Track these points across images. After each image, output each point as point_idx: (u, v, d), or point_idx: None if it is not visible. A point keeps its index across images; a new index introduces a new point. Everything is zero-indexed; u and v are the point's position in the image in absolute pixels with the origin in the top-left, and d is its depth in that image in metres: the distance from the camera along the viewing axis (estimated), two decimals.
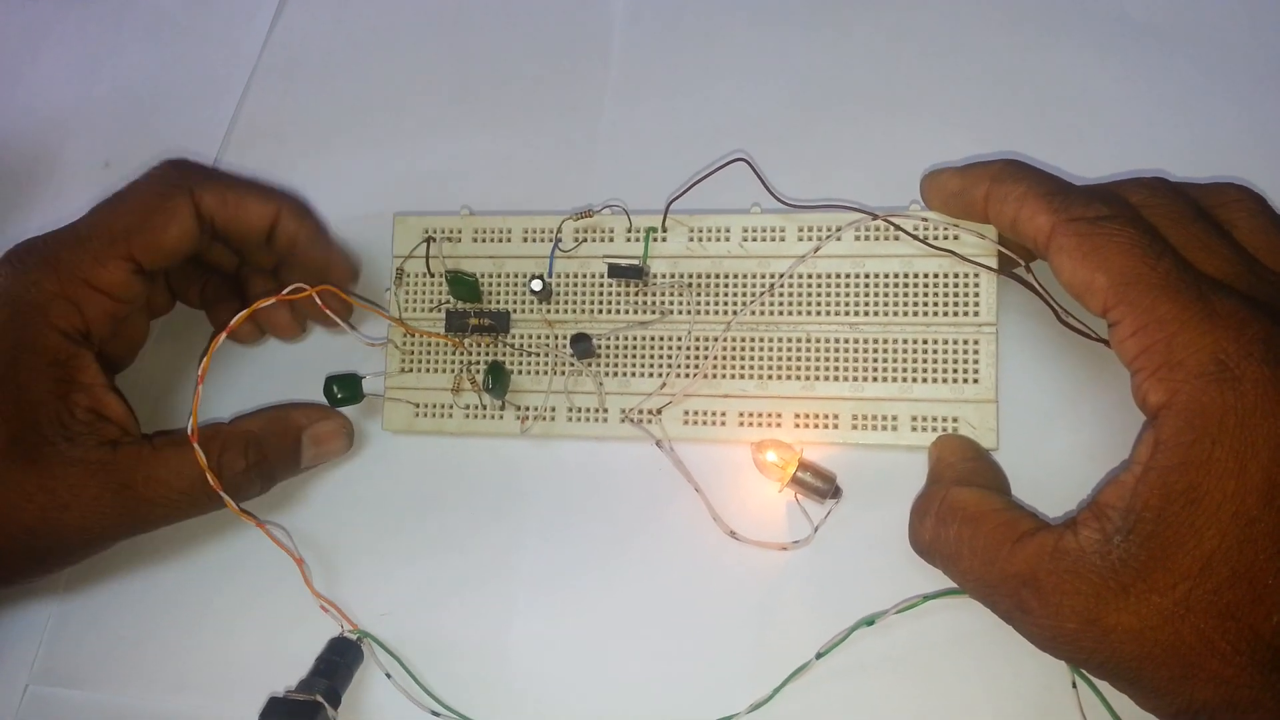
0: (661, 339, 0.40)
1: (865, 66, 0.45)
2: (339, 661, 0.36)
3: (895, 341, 0.38)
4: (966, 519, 0.32)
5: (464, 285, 0.41)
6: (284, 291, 0.38)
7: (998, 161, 0.34)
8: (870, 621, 0.35)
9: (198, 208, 0.39)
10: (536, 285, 0.40)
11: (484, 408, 0.41)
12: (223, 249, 0.43)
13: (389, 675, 0.38)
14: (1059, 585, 0.29)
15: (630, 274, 0.39)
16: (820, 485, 0.37)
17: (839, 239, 0.39)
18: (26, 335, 0.36)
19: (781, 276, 0.39)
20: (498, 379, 0.39)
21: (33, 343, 0.36)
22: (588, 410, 0.40)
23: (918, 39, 0.45)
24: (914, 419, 0.37)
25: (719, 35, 0.48)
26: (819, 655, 0.35)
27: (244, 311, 0.37)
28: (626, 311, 0.40)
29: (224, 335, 0.37)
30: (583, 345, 0.39)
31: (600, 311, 0.41)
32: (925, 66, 0.45)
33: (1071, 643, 0.29)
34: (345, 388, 0.41)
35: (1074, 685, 0.32)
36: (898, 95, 0.45)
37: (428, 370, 0.42)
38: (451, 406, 0.41)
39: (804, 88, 0.46)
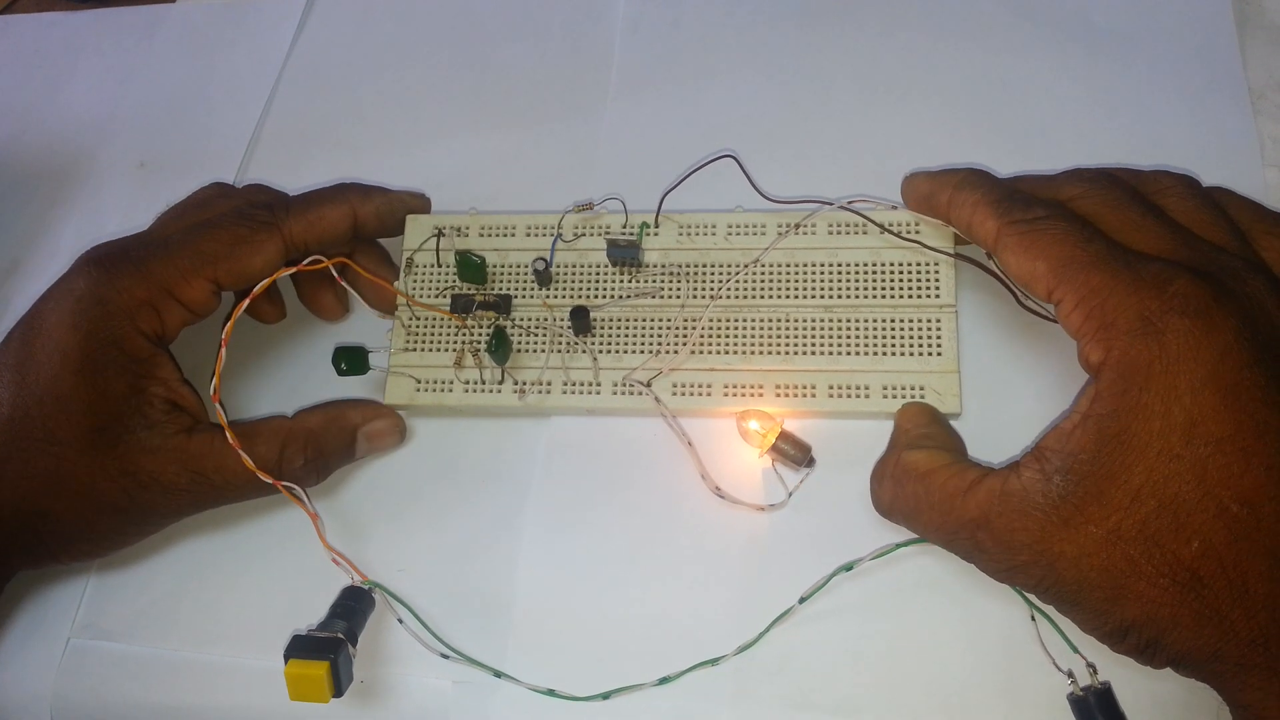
0: (653, 320, 0.43)
1: (847, 73, 0.49)
2: (353, 606, 0.38)
3: (866, 321, 0.41)
4: (919, 477, 0.35)
5: (471, 266, 0.43)
6: (304, 263, 0.41)
7: (961, 170, 0.38)
8: (849, 567, 0.37)
9: (287, 240, 0.42)
10: (539, 266, 0.42)
11: (483, 382, 0.43)
12: None
13: (401, 620, 0.39)
14: (1009, 524, 0.31)
15: (627, 251, 0.42)
16: (796, 454, 0.40)
17: (813, 231, 0.42)
18: (114, 335, 0.39)
19: (758, 260, 0.42)
20: (500, 344, 0.41)
21: (119, 342, 0.39)
22: (583, 384, 0.42)
23: (896, 46, 0.49)
24: (884, 388, 0.40)
25: (712, 45, 0.51)
26: (802, 600, 0.37)
27: (263, 283, 0.40)
28: (621, 296, 0.43)
29: (247, 302, 0.40)
30: (581, 320, 0.42)
31: (597, 296, 0.43)
32: (902, 71, 0.48)
33: (1024, 573, 0.32)
34: (351, 360, 0.43)
35: (1033, 619, 0.34)
36: (877, 98, 0.48)
37: (431, 349, 0.44)
38: (452, 381, 0.43)
39: (790, 94, 0.49)
